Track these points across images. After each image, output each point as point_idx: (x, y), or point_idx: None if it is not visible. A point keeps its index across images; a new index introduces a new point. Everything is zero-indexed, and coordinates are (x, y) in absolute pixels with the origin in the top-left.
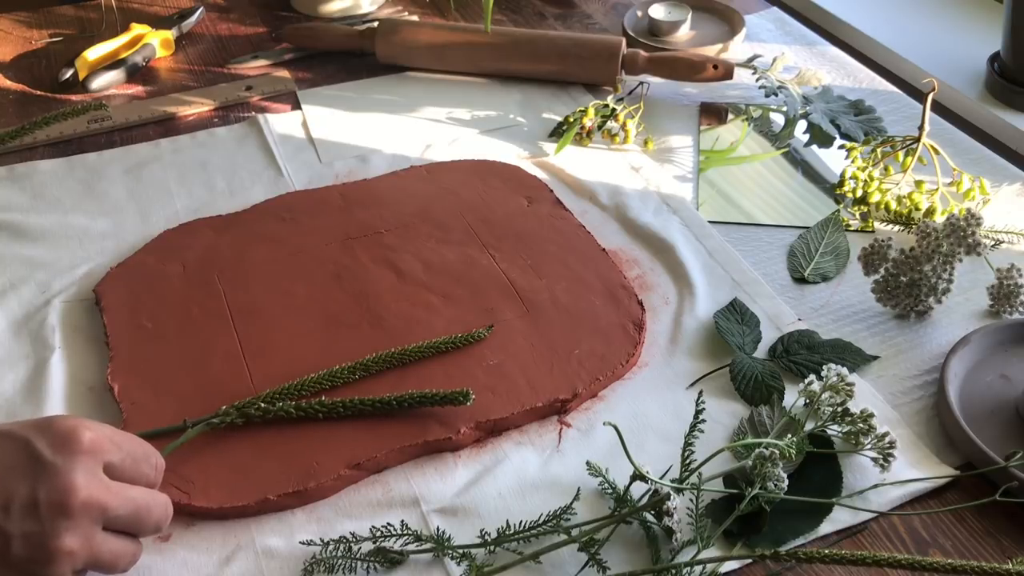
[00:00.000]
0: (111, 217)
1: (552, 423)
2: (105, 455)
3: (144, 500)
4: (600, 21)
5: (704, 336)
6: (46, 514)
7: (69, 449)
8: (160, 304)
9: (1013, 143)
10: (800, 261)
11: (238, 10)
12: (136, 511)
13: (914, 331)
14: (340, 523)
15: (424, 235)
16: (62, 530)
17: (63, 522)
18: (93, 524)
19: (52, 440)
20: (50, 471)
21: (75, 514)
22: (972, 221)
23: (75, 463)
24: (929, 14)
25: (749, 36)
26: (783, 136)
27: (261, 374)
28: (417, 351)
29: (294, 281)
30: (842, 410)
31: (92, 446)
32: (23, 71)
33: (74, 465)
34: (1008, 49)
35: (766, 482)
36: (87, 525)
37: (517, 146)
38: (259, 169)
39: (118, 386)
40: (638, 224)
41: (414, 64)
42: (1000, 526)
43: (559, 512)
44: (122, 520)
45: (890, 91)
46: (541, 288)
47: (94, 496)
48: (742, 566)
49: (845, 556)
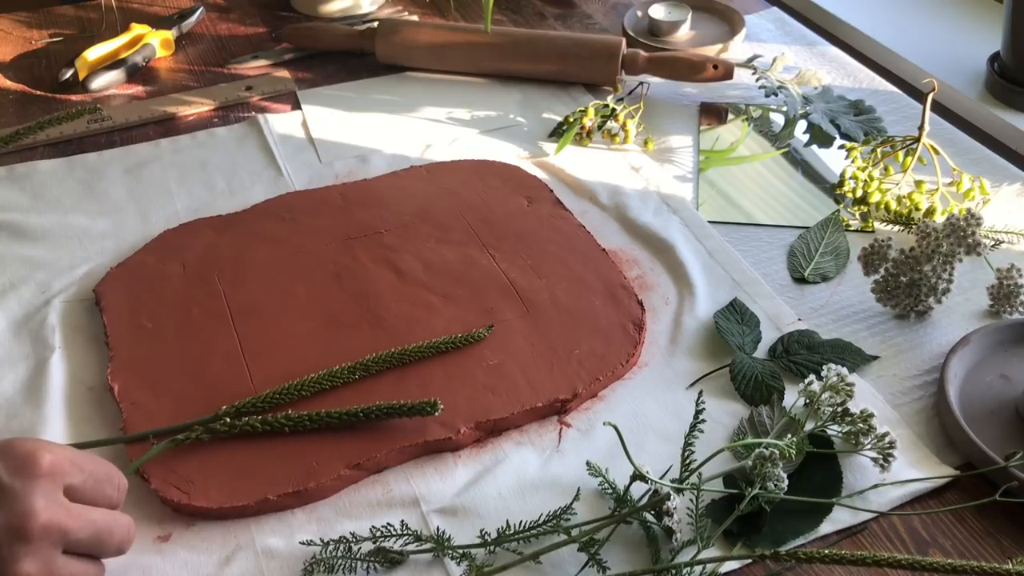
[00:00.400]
0: (111, 217)
1: (552, 423)
2: (65, 478)
3: (105, 522)
4: (600, 21)
5: (704, 336)
6: (4, 539)
7: (28, 473)
8: (160, 304)
9: (1013, 143)
10: (800, 261)
11: (238, 10)
12: (97, 533)
13: (914, 331)
14: (340, 523)
15: (424, 235)
16: (21, 555)
17: (22, 547)
18: (53, 548)
19: (10, 464)
20: (8, 495)
21: (34, 539)
22: (972, 221)
23: (34, 487)
24: (929, 14)
25: (749, 36)
26: (783, 136)
27: (261, 374)
28: (417, 351)
29: (294, 281)
30: (842, 410)
31: (51, 468)
32: (23, 71)
33: (33, 489)
34: (1008, 49)
35: (766, 482)
36: (47, 549)
37: (517, 146)
38: (259, 169)
39: (118, 386)
40: (638, 224)
41: (414, 64)
42: (1000, 526)
43: (559, 512)
44: (83, 543)
45: (890, 91)
46: (541, 288)
47: (53, 520)
48: (742, 566)
49: (845, 556)
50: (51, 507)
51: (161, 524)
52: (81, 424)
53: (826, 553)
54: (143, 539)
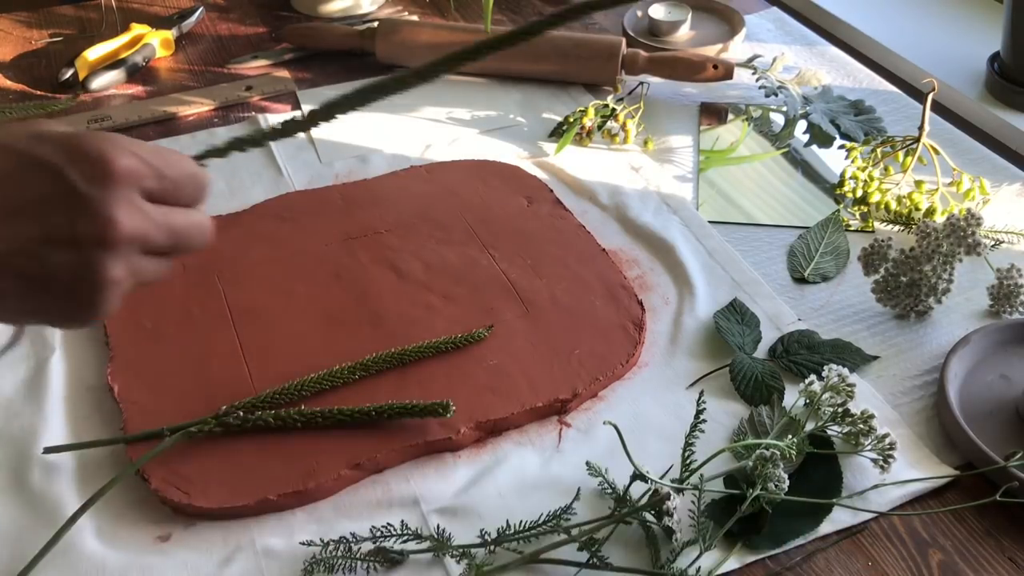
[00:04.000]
0: None
1: (552, 423)
2: (143, 181)
3: (184, 225)
4: (600, 21)
5: (704, 336)
6: (88, 248)
7: (105, 180)
8: (160, 304)
9: (1013, 143)
10: (800, 261)
11: (238, 10)
12: (176, 236)
13: (914, 331)
14: (340, 523)
15: (424, 235)
16: (108, 262)
17: (108, 255)
18: (135, 252)
19: (85, 169)
20: (87, 203)
21: (119, 246)
22: (972, 221)
23: (112, 194)
24: (929, 14)
25: (749, 36)
26: (783, 136)
27: (261, 374)
28: (417, 351)
29: (294, 281)
30: (842, 411)
31: (127, 173)
32: (23, 71)
33: (113, 197)
34: (1008, 49)
35: (767, 483)
36: (130, 254)
37: (517, 146)
38: (259, 169)
39: (118, 386)
40: (638, 224)
41: (414, 64)
42: (1000, 526)
43: (559, 512)
44: (162, 246)
45: (890, 91)
46: (541, 288)
47: (137, 227)
48: (742, 566)
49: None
50: (133, 215)
51: (161, 524)
52: (81, 424)
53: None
54: (143, 539)
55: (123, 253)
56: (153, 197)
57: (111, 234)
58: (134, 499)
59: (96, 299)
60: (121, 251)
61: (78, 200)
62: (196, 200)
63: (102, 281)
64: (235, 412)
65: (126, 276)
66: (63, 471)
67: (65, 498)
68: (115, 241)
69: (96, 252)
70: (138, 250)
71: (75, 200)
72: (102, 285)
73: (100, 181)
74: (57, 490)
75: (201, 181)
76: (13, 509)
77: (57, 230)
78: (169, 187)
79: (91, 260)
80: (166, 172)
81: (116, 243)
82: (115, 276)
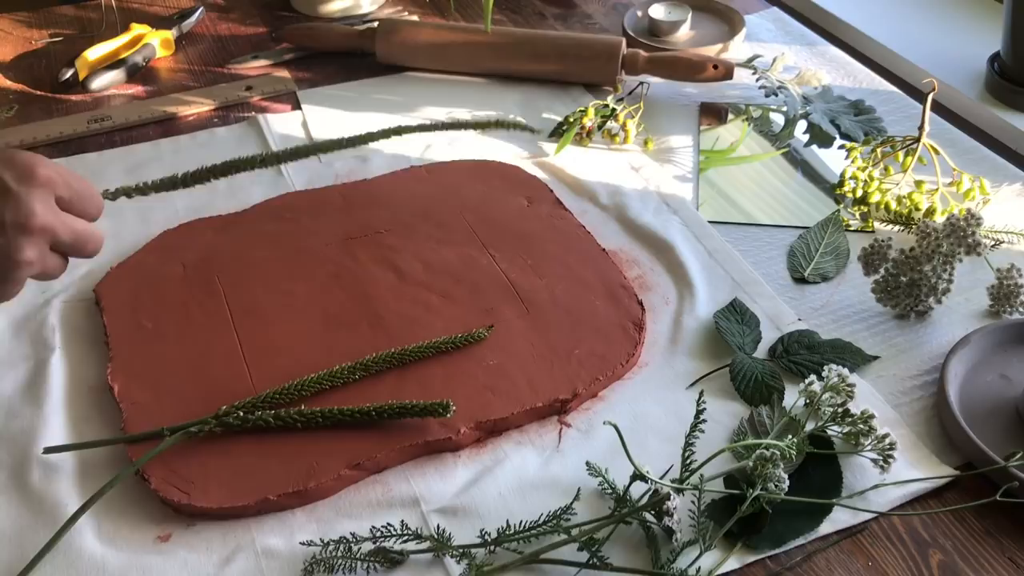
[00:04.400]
0: (111, 217)
1: (552, 423)
2: (57, 189)
3: (83, 231)
4: (600, 21)
5: (704, 336)
6: (11, 231)
7: (29, 181)
8: (160, 304)
9: (1013, 143)
10: (800, 261)
11: (238, 10)
12: (76, 239)
13: (914, 331)
14: (340, 523)
15: (424, 235)
16: (24, 244)
17: (25, 239)
18: (45, 244)
19: (15, 172)
20: (14, 198)
21: (34, 233)
22: (972, 221)
23: (34, 193)
24: (929, 14)
25: (749, 36)
26: (783, 136)
27: (261, 374)
28: (417, 351)
29: (294, 281)
30: (842, 411)
31: (47, 180)
32: (23, 71)
33: (33, 195)
34: (1008, 49)
35: (767, 483)
36: (41, 244)
37: (517, 146)
38: (259, 169)
39: (118, 386)
40: (638, 224)
41: (414, 64)
42: (1000, 526)
43: (559, 512)
44: (65, 245)
45: (890, 91)
46: (541, 288)
47: (48, 221)
48: (742, 566)
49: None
50: (47, 212)
51: (161, 524)
52: (81, 424)
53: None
54: (143, 539)
55: (37, 241)
56: (62, 205)
57: (31, 222)
58: (134, 499)
59: (11, 276)
60: (36, 238)
61: (7, 195)
62: (93, 216)
63: (19, 260)
64: (235, 412)
65: (36, 260)
66: (63, 471)
67: (65, 498)
68: (32, 228)
69: (17, 235)
70: (47, 242)
71: (4, 195)
72: (19, 263)
73: (26, 182)
74: (57, 490)
75: (99, 201)
76: (13, 509)
77: None
78: (75, 199)
79: (12, 241)
80: (74, 186)
81: (33, 230)
82: (29, 257)
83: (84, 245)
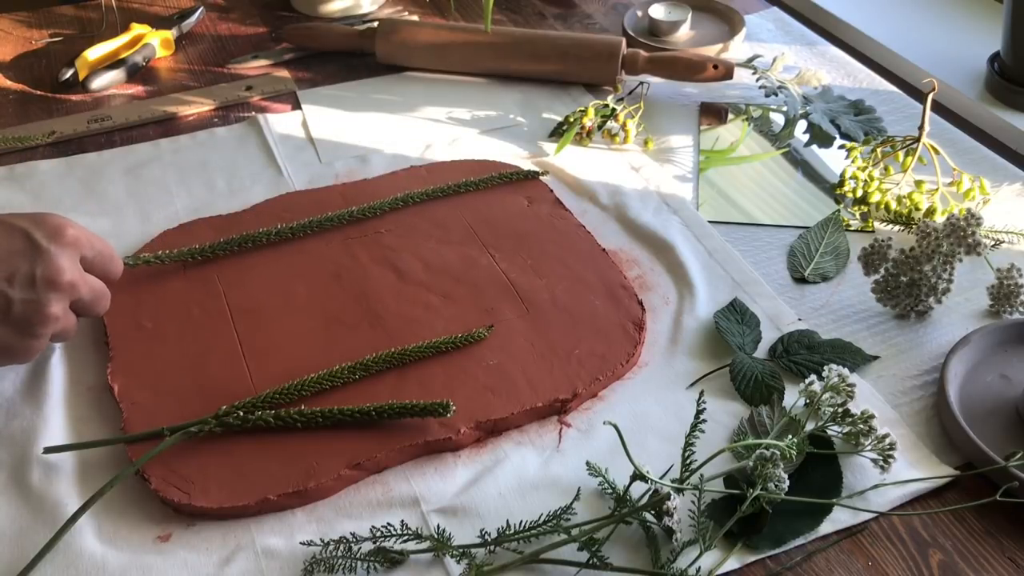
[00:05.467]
0: (111, 217)
1: (552, 423)
2: (82, 250)
3: (100, 289)
4: (600, 21)
5: (704, 336)
6: (41, 287)
7: (59, 240)
8: (160, 304)
9: (1013, 143)
10: (800, 261)
11: (238, 10)
12: (94, 298)
13: (914, 331)
14: (340, 523)
15: (424, 235)
16: (52, 299)
17: (53, 294)
18: (68, 300)
19: (45, 231)
20: (45, 254)
21: (63, 289)
22: (972, 221)
23: (63, 251)
24: (929, 14)
25: (749, 36)
26: (783, 136)
27: (261, 374)
28: (417, 351)
29: (294, 281)
30: (842, 411)
31: (74, 240)
32: (23, 71)
33: (62, 253)
34: (1008, 49)
35: (767, 483)
36: (65, 300)
37: (517, 146)
38: (259, 169)
39: (118, 386)
40: (638, 224)
41: (414, 64)
42: (1000, 526)
43: (559, 512)
44: (83, 303)
45: (890, 91)
46: (541, 288)
47: (74, 279)
48: (742, 566)
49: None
50: (73, 270)
51: (161, 524)
52: (81, 424)
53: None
54: (143, 539)
55: (63, 297)
56: (85, 265)
57: (60, 278)
58: (134, 499)
59: (37, 331)
60: (63, 294)
61: (39, 253)
62: (113, 277)
63: (47, 314)
64: (235, 412)
65: (61, 316)
66: (63, 471)
67: (65, 498)
68: (61, 284)
69: (47, 291)
70: (71, 298)
71: (37, 253)
72: (46, 318)
73: (56, 241)
74: (57, 490)
75: (118, 264)
76: (13, 509)
77: (21, 271)
78: (98, 259)
79: (41, 296)
80: (97, 247)
81: (62, 286)
82: (56, 312)
83: (98, 304)
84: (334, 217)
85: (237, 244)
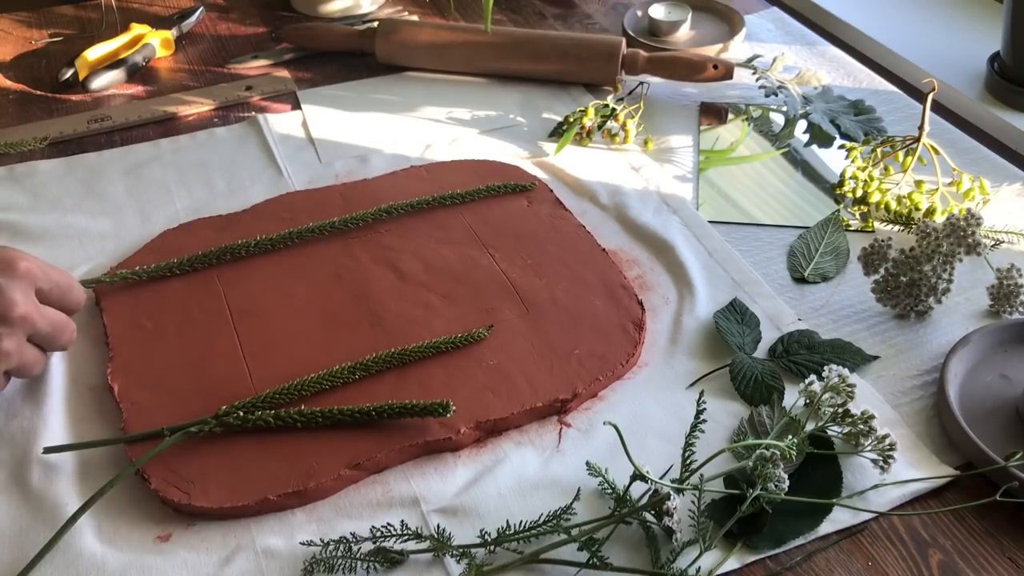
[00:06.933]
0: (111, 217)
1: (552, 423)
2: (37, 282)
3: (61, 323)
4: (600, 21)
5: (704, 336)
6: None
7: (9, 273)
8: (160, 304)
9: (1013, 143)
10: (800, 261)
11: (238, 10)
12: (53, 331)
13: (914, 331)
14: (340, 523)
15: (424, 235)
16: (3, 335)
17: (4, 329)
18: (23, 334)
19: None
20: None
21: (14, 324)
22: (972, 221)
23: (14, 285)
24: (929, 14)
25: (749, 36)
26: (783, 136)
27: (261, 374)
28: (417, 351)
29: (294, 281)
30: (842, 411)
31: (27, 273)
32: (23, 71)
33: (14, 286)
34: (1008, 49)
35: (767, 483)
36: (19, 335)
37: (517, 146)
38: (259, 169)
39: (118, 386)
40: (638, 224)
41: (414, 64)
42: (1000, 526)
43: (559, 512)
44: (41, 336)
45: (890, 91)
46: (541, 288)
47: (28, 313)
48: (742, 566)
49: None
50: (27, 303)
51: (161, 524)
52: (81, 424)
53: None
54: (143, 539)
55: (16, 333)
56: (41, 297)
57: (11, 312)
58: (134, 499)
59: None
60: (15, 328)
61: None
62: (71, 309)
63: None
64: (235, 412)
65: (15, 351)
66: (63, 471)
67: (65, 498)
68: (12, 319)
69: None
70: (26, 332)
71: None
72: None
73: (7, 274)
74: (57, 490)
75: (78, 294)
76: (13, 509)
77: None
78: (55, 291)
79: None
80: (54, 278)
81: (13, 320)
82: (7, 348)
83: (59, 337)
84: (337, 222)
85: (230, 252)
